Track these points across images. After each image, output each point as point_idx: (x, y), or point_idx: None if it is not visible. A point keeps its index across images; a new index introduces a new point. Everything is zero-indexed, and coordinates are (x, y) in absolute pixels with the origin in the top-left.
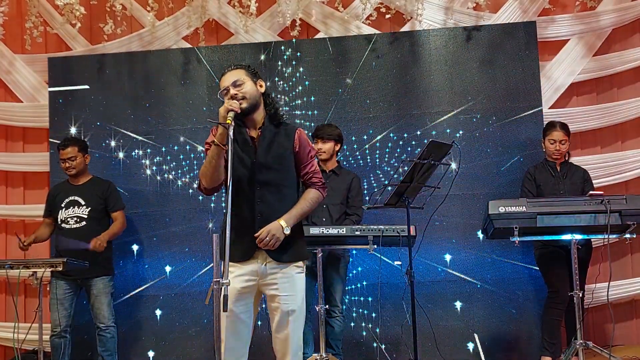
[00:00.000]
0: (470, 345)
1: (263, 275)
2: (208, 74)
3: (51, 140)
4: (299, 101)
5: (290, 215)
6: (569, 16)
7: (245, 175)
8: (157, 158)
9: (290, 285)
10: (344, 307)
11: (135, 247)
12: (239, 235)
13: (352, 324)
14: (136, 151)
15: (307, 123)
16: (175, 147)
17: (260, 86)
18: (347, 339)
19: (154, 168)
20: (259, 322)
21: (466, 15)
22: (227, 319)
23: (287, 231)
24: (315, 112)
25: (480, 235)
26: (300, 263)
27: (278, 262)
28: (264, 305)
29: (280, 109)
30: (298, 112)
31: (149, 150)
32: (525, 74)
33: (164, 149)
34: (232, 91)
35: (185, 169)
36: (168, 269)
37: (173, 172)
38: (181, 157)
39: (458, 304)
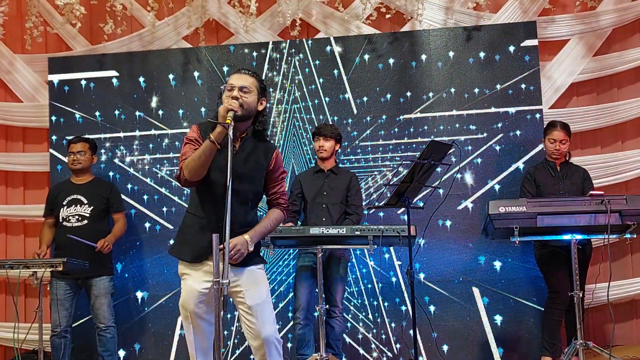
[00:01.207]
0: (470, 345)
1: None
2: (208, 74)
3: (51, 140)
4: (299, 99)
5: (255, 232)
6: (569, 16)
7: (219, 179)
8: (157, 158)
9: (252, 280)
10: (345, 307)
11: (133, 247)
12: (197, 235)
13: (353, 325)
14: (135, 151)
15: (307, 116)
16: (174, 147)
17: (261, 104)
18: (348, 339)
19: (154, 168)
20: None
21: (466, 15)
22: (193, 321)
23: (251, 247)
24: (315, 111)
25: (480, 235)
26: (260, 265)
27: (234, 266)
28: None
29: (268, 130)
30: (297, 107)
31: (147, 150)
32: (525, 74)
33: (163, 149)
34: (235, 93)
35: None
36: (166, 269)
37: (170, 172)
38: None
39: (458, 305)
